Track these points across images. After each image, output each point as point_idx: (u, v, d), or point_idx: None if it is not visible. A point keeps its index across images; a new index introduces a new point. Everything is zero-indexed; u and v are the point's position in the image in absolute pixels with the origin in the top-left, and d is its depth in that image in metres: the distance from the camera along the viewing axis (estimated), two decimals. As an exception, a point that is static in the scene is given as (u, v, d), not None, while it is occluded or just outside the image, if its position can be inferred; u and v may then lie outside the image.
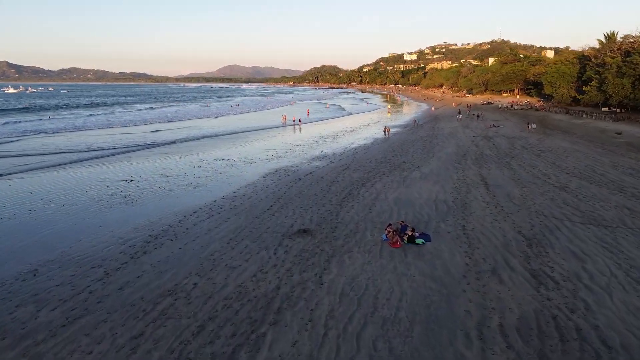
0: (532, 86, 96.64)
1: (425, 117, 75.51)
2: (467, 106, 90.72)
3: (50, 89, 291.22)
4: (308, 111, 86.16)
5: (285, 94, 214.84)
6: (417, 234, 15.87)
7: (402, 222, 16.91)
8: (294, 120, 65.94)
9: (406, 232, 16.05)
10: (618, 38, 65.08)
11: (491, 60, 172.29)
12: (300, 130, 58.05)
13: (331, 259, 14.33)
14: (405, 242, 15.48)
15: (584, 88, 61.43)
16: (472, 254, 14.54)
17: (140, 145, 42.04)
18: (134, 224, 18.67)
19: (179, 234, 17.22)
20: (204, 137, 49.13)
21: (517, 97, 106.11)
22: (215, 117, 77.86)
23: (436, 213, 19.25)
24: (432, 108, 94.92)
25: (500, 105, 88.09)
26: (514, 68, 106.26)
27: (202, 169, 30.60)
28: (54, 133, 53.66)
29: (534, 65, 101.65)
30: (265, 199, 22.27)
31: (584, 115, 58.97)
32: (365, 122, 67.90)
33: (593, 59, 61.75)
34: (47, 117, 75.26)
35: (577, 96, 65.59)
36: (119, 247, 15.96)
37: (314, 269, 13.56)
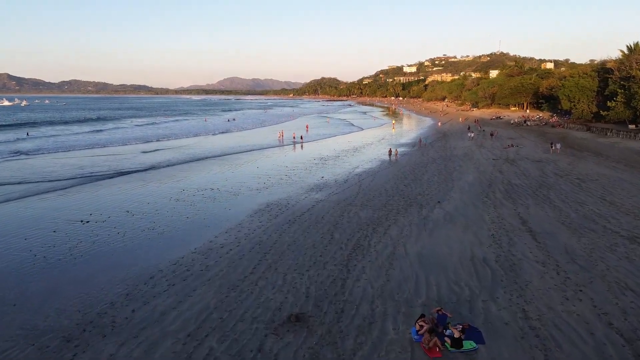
0: (544, 100, 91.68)
1: (433, 133, 70.63)
2: (475, 121, 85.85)
3: (47, 101, 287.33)
4: (307, 127, 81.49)
5: (285, 107, 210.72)
6: (464, 334, 10.67)
7: (439, 309, 11.73)
8: (294, 138, 61.05)
9: (446, 325, 10.94)
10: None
11: (494, 73, 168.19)
12: (300, 148, 53.11)
13: (337, 387, 9.15)
14: (449, 348, 10.32)
15: (609, 103, 56.44)
16: (555, 375, 9.36)
17: (115, 172, 36.87)
18: (63, 300, 13.54)
19: (118, 322, 12.06)
20: (192, 160, 43.95)
21: (527, 111, 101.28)
22: (212, 135, 72.95)
23: (478, 282, 14.10)
24: (439, 123, 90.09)
25: (512, 121, 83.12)
26: (523, 81, 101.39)
27: (179, 204, 25.51)
28: (30, 154, 48.60)
29: (543, 79, 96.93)
30: (249, 253, 17.15)
31: (608, 134, 53.94)
32: (369, 139, 62.94)
33: (617, 72, 56.85)
34: (26, 134, 70.48)
35: (601, 112, 60.41)
36: (21, 352, 10.78)
37: (309, 415, 8.37)
